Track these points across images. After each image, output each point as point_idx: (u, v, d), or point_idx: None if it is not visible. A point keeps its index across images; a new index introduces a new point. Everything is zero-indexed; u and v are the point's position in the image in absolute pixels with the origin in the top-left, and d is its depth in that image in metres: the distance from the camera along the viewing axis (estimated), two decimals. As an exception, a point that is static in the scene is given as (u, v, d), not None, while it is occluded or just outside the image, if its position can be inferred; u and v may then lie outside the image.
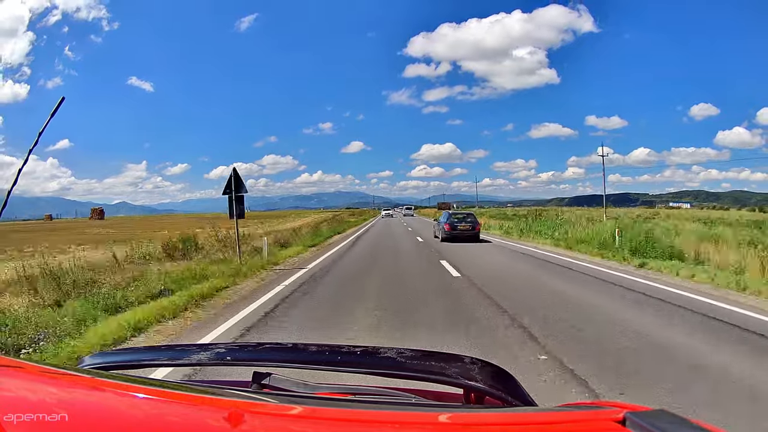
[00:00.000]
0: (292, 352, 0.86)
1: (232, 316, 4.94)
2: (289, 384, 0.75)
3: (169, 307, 5.08)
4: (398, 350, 0.77)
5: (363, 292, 6.51)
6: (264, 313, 5.08)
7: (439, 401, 0.76)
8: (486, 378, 0.70)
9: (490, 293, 6.02)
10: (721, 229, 13.66)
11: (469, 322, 4.59)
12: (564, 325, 4.42)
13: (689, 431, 0.46)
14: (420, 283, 7.34)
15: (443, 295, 6.17)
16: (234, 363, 0.80)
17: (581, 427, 0.51)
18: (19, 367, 0.65)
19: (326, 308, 5.52)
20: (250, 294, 6.33)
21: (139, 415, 0.53)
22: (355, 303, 5.68)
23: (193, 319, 4.93)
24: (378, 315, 4.93)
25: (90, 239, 20.53)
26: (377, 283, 7.43)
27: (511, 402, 0.67)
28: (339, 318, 4.93)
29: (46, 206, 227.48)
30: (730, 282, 6.46)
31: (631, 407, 0.51)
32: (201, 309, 5.40)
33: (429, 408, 0.67)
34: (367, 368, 0.75)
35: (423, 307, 5.44)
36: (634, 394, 2.78)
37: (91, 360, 0.79)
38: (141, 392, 0.57)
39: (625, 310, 5.18)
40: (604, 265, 9.14)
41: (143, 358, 0.84)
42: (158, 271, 7.16)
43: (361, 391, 0.76)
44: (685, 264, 8.26)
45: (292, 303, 5.67)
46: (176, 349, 0.91)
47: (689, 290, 6.26)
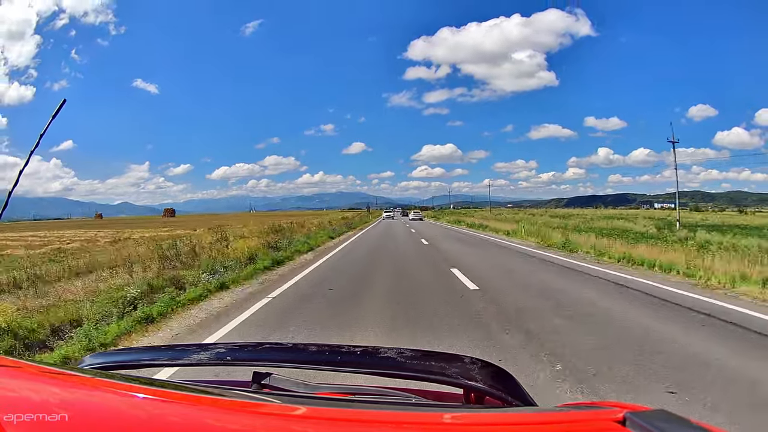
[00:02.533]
0: (292, 352, 0.86)
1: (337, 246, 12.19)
2: (289, 384, 0.75)
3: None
4: (398, 350, 0.77)
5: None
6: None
7: (439, 401, 0.76)
8: (486, 378, 0.70)
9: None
10: (574, 222, 27.42)
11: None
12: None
13: (689, 431, 0.46)
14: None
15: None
16: (234, 363, 0.80)
17: (581, 427, 0.51)
18: (19, 367, 0.65)
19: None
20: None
21: (139, 415, 0.53)
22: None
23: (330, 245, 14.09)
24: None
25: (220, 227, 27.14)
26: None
27: (511, 402, 0.67)
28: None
29: (48, 206, 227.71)
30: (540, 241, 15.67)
31: (631, 407, 0.51)
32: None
33: (429, 408, 0.67)
34: (367, 368, 0.74)
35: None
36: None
37: (91, 360, 0.79)
38: (141, 392, 0.57)
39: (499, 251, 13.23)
40: (510, 240, 17.58)
41: (143, 358, 0.84)
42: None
43: (362, 391, 0.76)
44: (536, 238, 16.49)
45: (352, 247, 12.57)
46: (176, 349, 0.91)
47: (536, 247, 13.91)
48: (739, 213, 67.61)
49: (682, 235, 17.31)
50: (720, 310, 5.21)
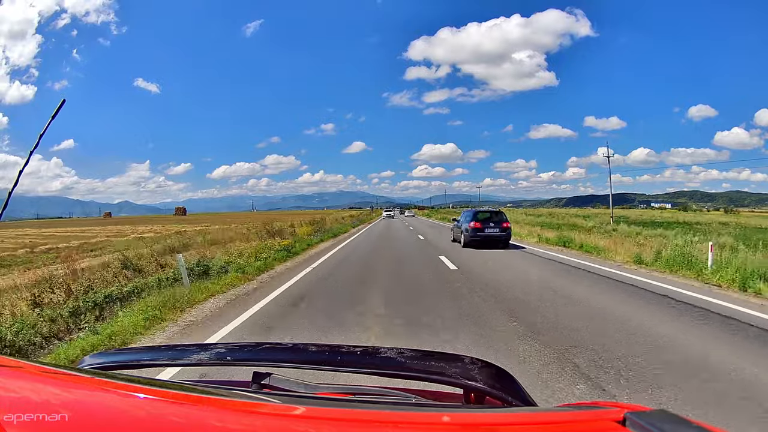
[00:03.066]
0: (292, 352, 0.86)
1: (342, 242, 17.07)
2: (289, 384, 0.75)
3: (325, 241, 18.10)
4: (398, 350, 0.77)
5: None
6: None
7: (439, 401, 0.76)
8: (486, 378, 0.70)
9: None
10: (541, 219, 32.64)
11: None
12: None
13: (689, 431, 0.46)
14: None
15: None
16: (234, 363, 0.80)
17: (581, 427, 0.51)
18: (19, 367, 0.65)
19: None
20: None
21: (140, 415, 0.53)
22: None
23: (333, 242, 17.32)
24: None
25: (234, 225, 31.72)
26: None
27: (511, 402, 0.67)
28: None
29: (48, 205, 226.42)
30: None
31: (631, 407, 0.51)
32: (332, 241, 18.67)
33: (429, 408, 0.67)
34: (367, 368, 0.74)
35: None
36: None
37: (91, 360, 0.79)
38: (141, 392, 0.57)
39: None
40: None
41: (143, 358, 0.84)
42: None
43: (361, 391, 0.76)
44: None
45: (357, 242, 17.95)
46: (176, 349, 0.91)
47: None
48: (725, 213, 72.65)
49: (609, 228, 22.72)
50: (585, 266, 9.10)
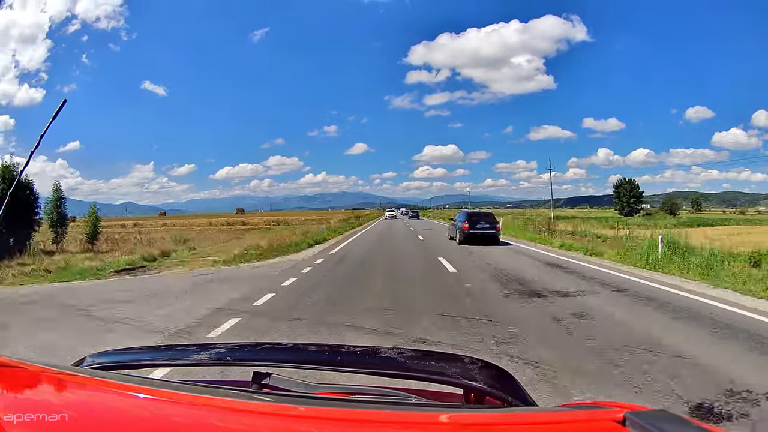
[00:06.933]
0: (292, 352, 0.86)
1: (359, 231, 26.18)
2: (289, 384, 0.75)
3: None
4: (398, 350, 0.77)
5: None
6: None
7: (439, 401, 0.76)
8: (486, 378, 0.69)
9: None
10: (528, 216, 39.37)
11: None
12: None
13: (689, 431, 0.46)
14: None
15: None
16: (234, 363, 0.80)
17: (581, 427, 0.51)
18: (19, 367, 0.65)
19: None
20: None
21: (140, 415, 0.53)
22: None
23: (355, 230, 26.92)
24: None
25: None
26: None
27: (511, 402, 0.67)
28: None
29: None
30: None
31: (631, 407, 0.51)
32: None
33: (429, 408, 0.67)
34: (367, 368, 0.74)
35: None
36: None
37: (91, 360, 0.79)
38: (141, 392, 0.57)
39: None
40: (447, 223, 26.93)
41: (143, 358, 0.84)
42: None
43: (361, 391, 0.76)
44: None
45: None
46: (176, 349, 0.91)
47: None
48: (695, 211, 79.69)
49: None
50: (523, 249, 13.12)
